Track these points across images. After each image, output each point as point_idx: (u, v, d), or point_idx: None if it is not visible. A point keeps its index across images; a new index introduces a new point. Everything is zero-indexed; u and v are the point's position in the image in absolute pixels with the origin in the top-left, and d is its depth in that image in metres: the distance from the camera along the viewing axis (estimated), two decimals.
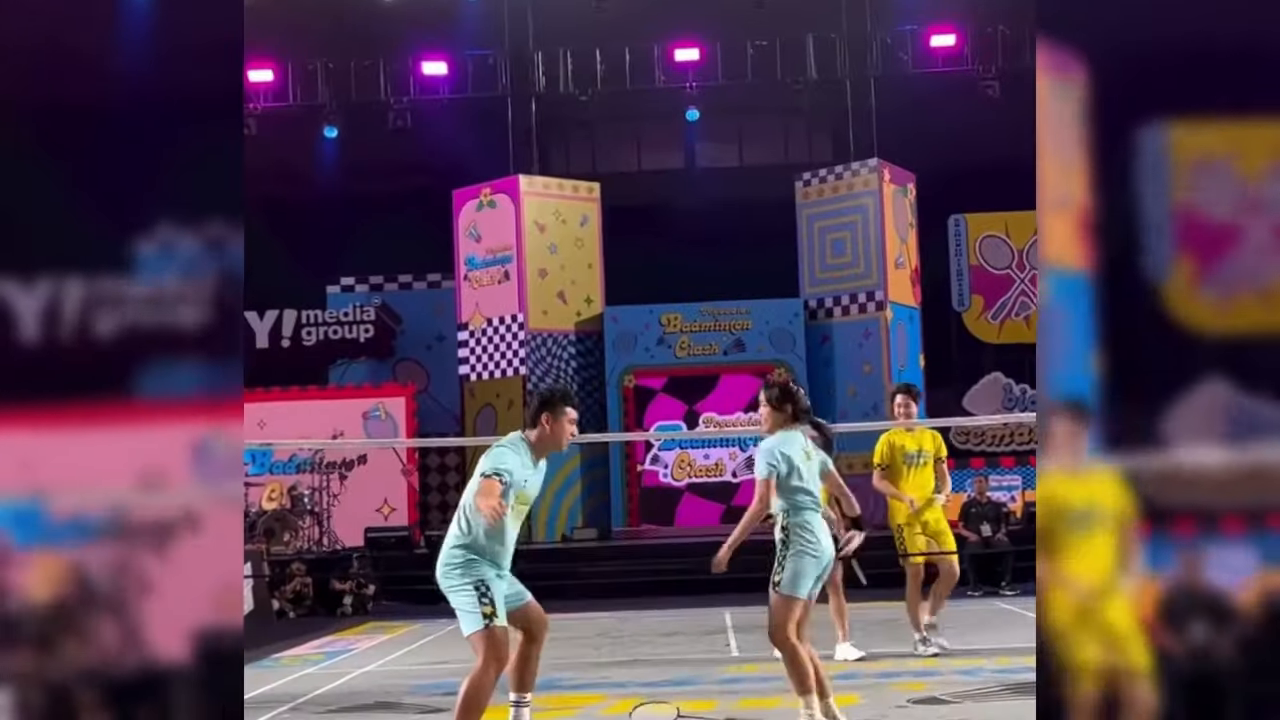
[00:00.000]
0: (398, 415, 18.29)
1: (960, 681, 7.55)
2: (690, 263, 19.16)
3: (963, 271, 20.23)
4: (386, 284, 20.04)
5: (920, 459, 8.65)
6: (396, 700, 7.90)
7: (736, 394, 18.24)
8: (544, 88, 19.94)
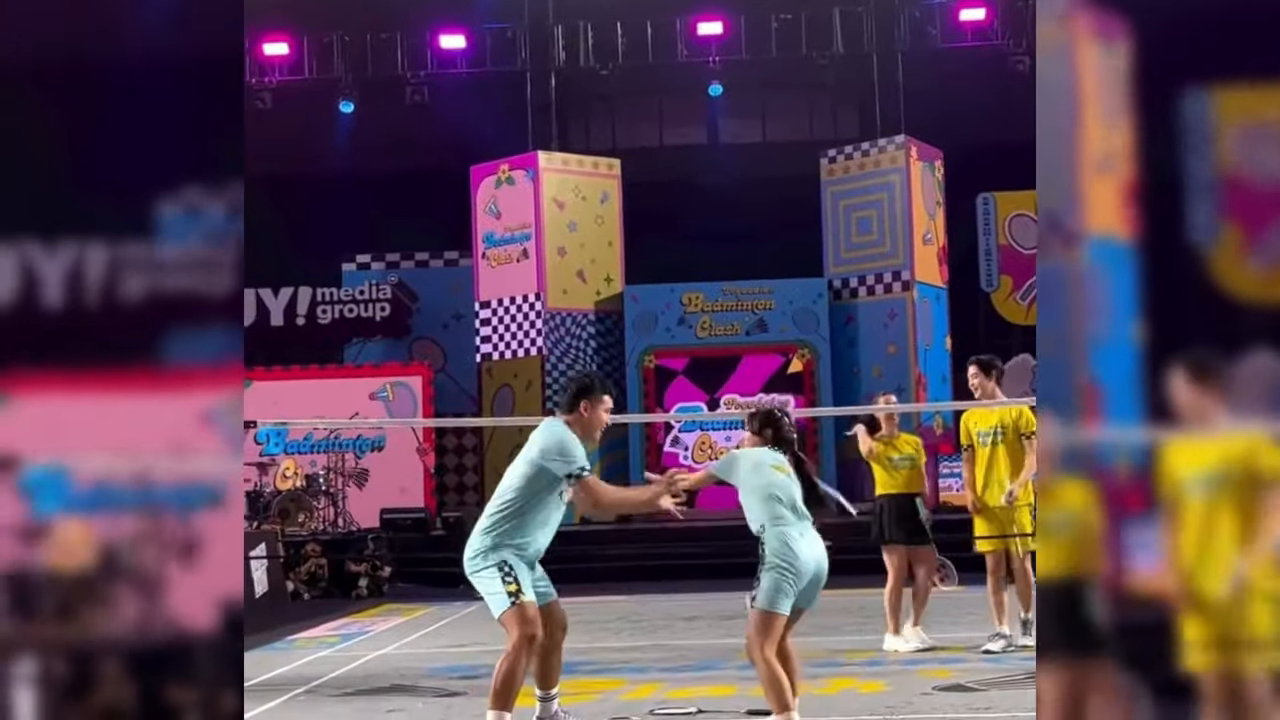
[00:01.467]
0: (415, 394, 18.33)
1: (987, 669, 7.54)
2: (712, 241, 19.15)
3: (991, 251, 20.15)
4: (403, 262, 20.08)
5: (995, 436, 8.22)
6: (413, 683, 7.93)
7: (759, 375, 18.23)
8: (564, 61, 19.91)
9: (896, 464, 8.62)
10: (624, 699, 6.99)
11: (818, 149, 19.14)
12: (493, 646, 9.72)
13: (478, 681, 7.91)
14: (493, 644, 9.91)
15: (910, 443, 8.80)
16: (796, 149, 20.01)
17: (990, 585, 8.31)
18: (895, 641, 8.47)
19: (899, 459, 8.63)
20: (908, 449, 8.70)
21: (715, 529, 14.15)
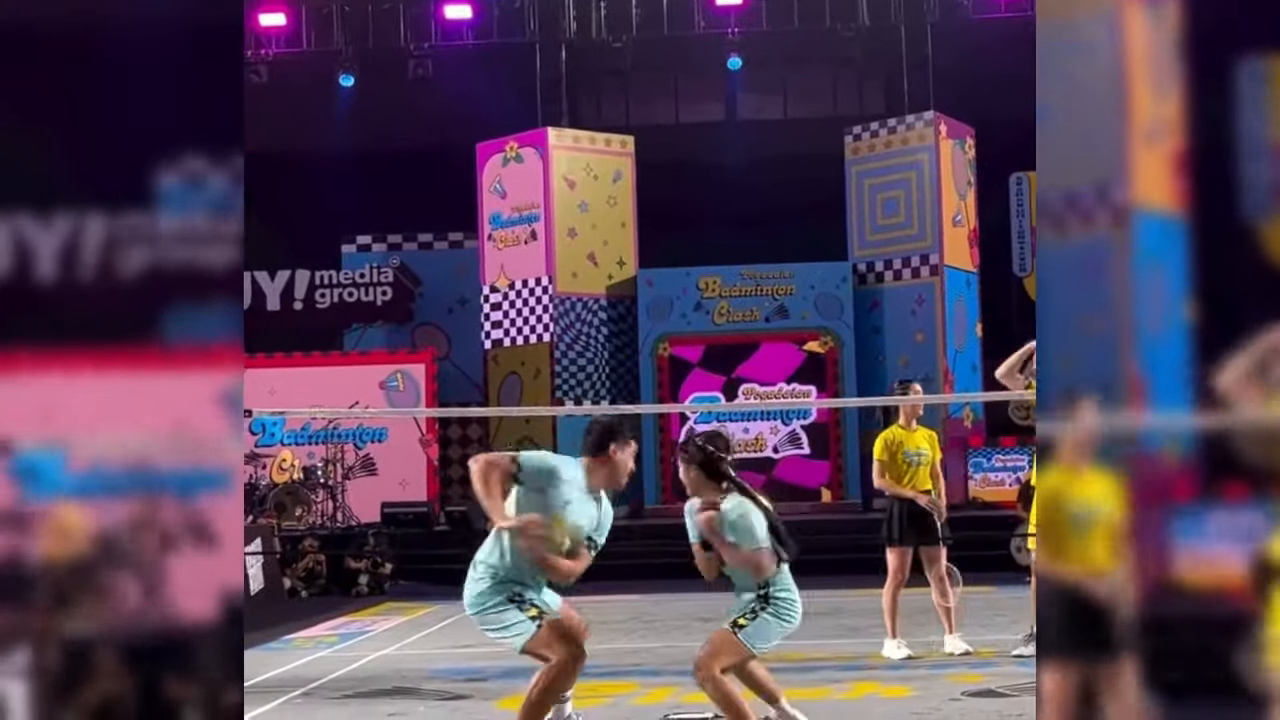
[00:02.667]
0: (417, 383, 18.36)
1: (1018, 673, 7.54)
2: (730, 223, 19.13)
3: (1024, 234, 20.10)
4: (405, 243, 20.08)
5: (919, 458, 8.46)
6: (415, 685, 7.97)
7: (779, 364, 18.21)
8: (575, 34, 19.87)
9: (909, 459, 8.58)
10: (636, 703, 7.01)
11: (842, 126, 19.09)
12: (499, 649, 9.76)
13: (483, 684, 7.94)
14: (499, 646, 9.96)
15: (926, 438, 8.74)
16: (819, 126, 19.97)
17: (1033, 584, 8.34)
18: (889, 647, 8.47)
19: (911, 453, 8.59)
20: (922, 444, 8.65)
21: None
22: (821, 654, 8.76)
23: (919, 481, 8.59)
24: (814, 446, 18.09)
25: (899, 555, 8.55)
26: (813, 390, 17.95)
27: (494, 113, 18.83)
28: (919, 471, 8.58)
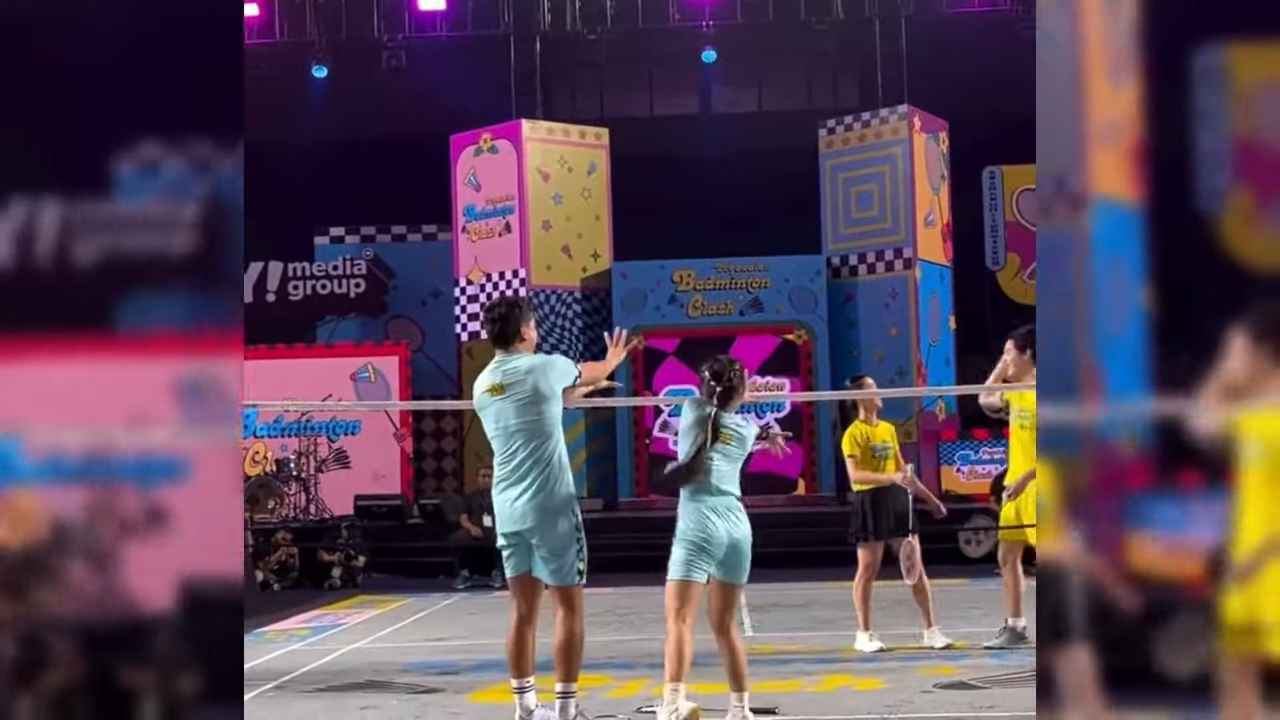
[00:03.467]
0: (390, 376, 18.32)
1: (991, 665, 7.58)
2: (705, 216, 19.15)
3: (998, 228, 20.17)
4: (379, 235, 20.03)
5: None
6: (388, 679, 7.95)
7: (753, 357, 18.21)
8: (549, 26, 19.84)
9: (877, 453, 8.61)
10: (610, 696, 7.01)
11: (816, 119, 19.13)
12: (474, 641, 9.79)
13: (455, 678, 7.94)
14: (473, 638, 9.99)
15: (888, 430, 8.76)
16: (794, 119, 19.99)
17: (1004, 576, 8.36)
18: (862, 639, 8.49)
19: (878, 446, 8.60)
20: (886, 437, 8.68)
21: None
22: (794, 647, 8.79)
23: (887, 473, 8.64)
24: (788, 439, 18.11)
25: (870, 550, 8.58)
26: (786, 383, 17.99)
27: (468, 105, 18.79)
28: (886, 464, 8.64)
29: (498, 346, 6.03)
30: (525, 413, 5.86)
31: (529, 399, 5.86)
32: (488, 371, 6.07)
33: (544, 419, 5.86)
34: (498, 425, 5.94)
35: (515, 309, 6.06)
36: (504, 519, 5.94)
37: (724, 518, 5.87)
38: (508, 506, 5.91)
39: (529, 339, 6.04)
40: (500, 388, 5.92)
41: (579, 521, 5.91)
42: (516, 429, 5.87)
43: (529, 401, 5.86)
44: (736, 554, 5.90)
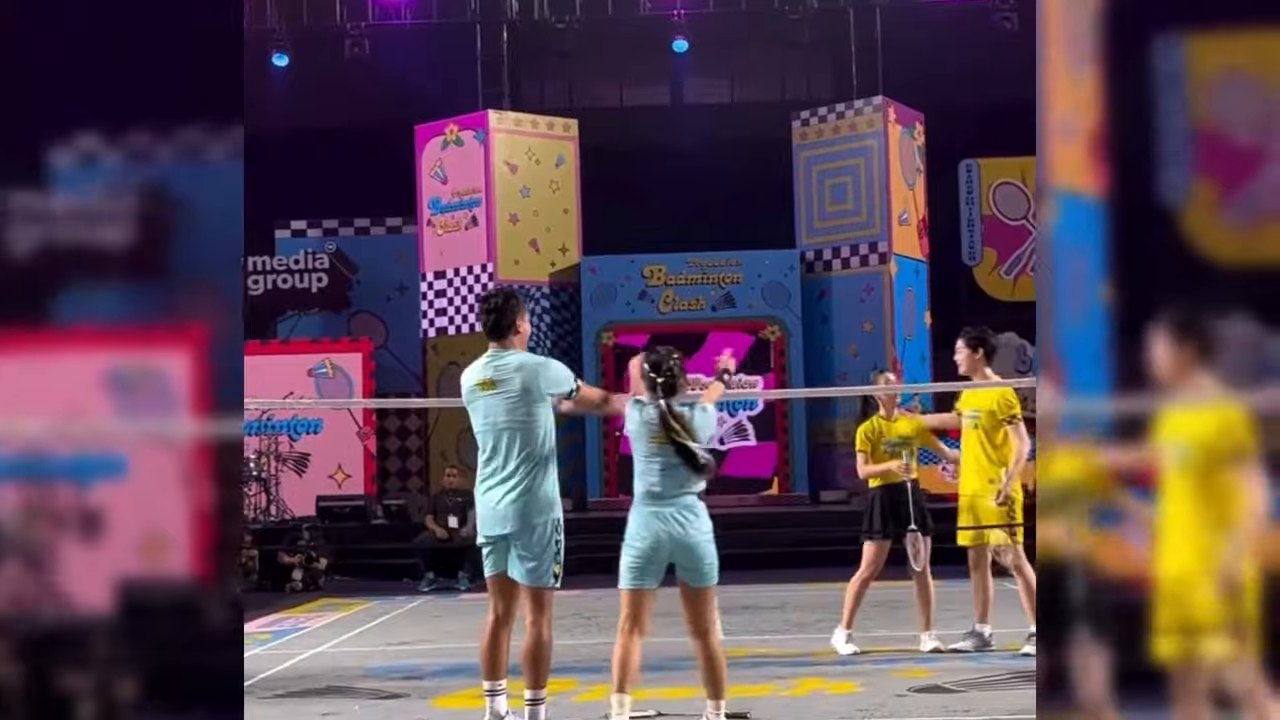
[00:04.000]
0: (353, 373, 18.26)
1: (967, 668, 7.62)
2: (676, 209, 19.13)
3: (974, 222, 20.25)
4: (341, 229, 19.96)
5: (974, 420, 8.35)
6: (350, 684, 7.94)
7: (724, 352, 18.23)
8: (517, 13, 19.80)
9: (890, 449, 8.57)
10: (577, 700, 7.02)
11: (789, 111, 19.14)
12: (439, 644, 9.78)
13: (419, 683, 7.93)
14: (438, 641, 9.97)
15: (911, 425, 8.73)
16: (767, 110, 20.02)
17: (973, 580, 8.34)
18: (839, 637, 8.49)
19: (892, 442, 8.59)
20: (904, 431, 8.64)
21: None
22: (767, 650, 8.81)
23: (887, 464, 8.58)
24: (761, 438, 18.16)
25: (876, 548, 8.53)
26: (759, 380, 18.01)
27: (433, 95, 18.72)
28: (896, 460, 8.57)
29: (492, 339, 6.06)
30: (514, 411, 5.86)
31: (518, 397, 5.86)
32: (479, 365, 6.09)
33: (533, 419, 5.86)
34: (485, 421, 5.94)
35: (511, 300, 6.11)
36: (486, 520, 5.94)
37: (671, 520, 5.80)
38: (491, 508, 5.91)
39: (523, 332, 6.08)
40: (491, 383, 5.93)
41: (559, 524, 5.91)
42: (504, 426, 5.88)
43: (518, 399, 5.85)
44: (692, 556, 5.84)
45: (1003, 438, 8.14)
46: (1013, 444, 8.09)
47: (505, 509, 5.83)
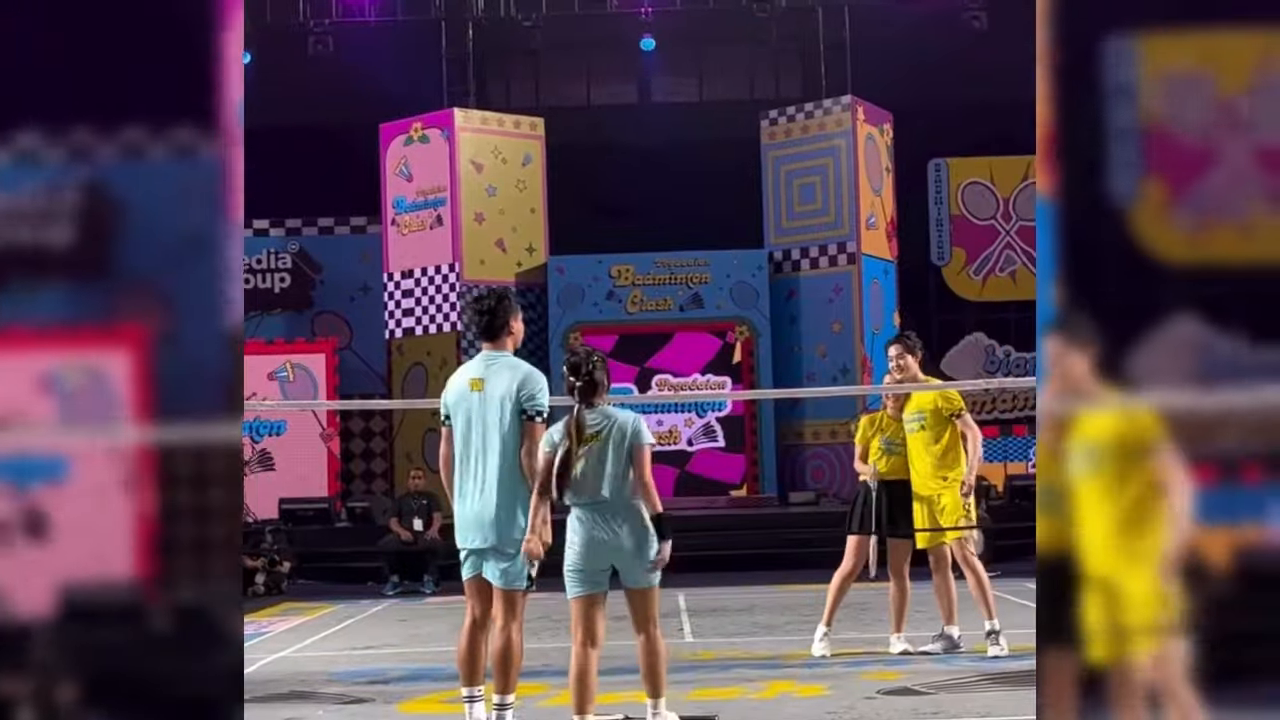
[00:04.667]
0: (317, 375, 18.18)
1: (936, 670, 7.63)
2: (644, 209, 19.13)
3: (943, 222, 20.33)
4: (305, 228, 19.87)
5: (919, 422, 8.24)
6: (314, 689, 7.90)
7: (693, 354, 18.28)
8: (483, 10, 19.77)
9: (888, 448, 8.47)
10: (545, 705, 6.99)
11: (758, 110, 19.19)
12: (404, 649, 9.74)
13: (385, 687, 7.90)
14: (404, 646, 9.93)
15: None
16: (735, 109, 20.05)
17: (935, 582, 8.32)
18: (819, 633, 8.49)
19: (885, 441, 8.47)
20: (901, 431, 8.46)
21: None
22: (735, 652, 8.81)
23: (896, 469, 8.42)
24: (729, 439, 18.19)
25: (856, 544, 8.47)
26: (728, 381, 18.04)
27: (398, 92, 18.64)
28: (894, 459, 8.45)
29: (484, 339, 6.01)
30: (499, 413, 5.83)
31: (504, 399, 5.83)
32: (471, 365, 6.05)
33: (515, 424, 5.83)
34: (470, 421, 5.90)
35: (505, 301, 6.06)
36: (464, 529, 5.91)
37: (602, 526, 5.77)
38: (469, 518, 5.88)
39: (516, 333, 6.05)
40: (481, 382, 5.90)
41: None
42: (487, 428, 5.85)
43: (503, 402, 5.82)
44: (625, 560, 5.80)
45: (949, 436, 8.13)
46: (967, 436, 8.11)
47: (484, 520, 5.81)
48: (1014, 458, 18.57)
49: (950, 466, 8.17)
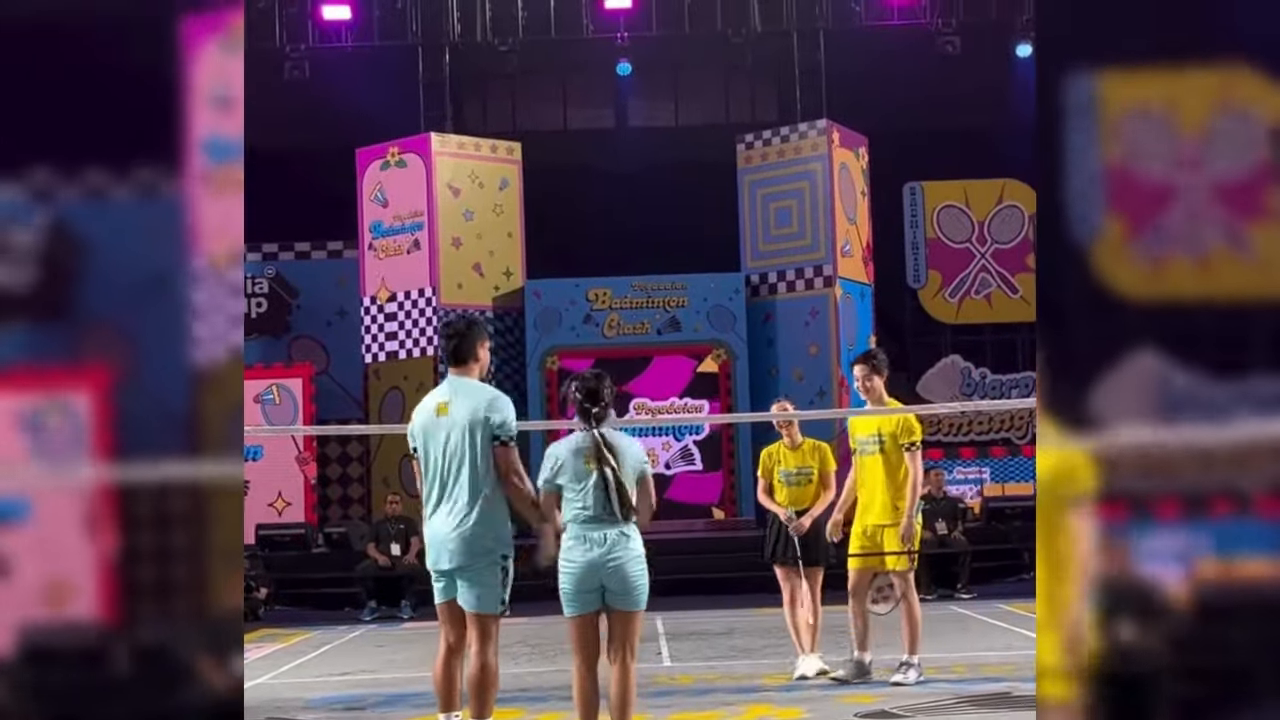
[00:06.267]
0: (295, 398, 18.12)
1: (913, 694, 7.63)
2: (621, 232, 19.17)
3: (919, 245, 20.41)
4: (281, 252, 19.81)
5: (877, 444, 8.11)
6: (291, 716, 7.90)
7: (671, 377, 18.29)
8: (459, 35, 19.78)
9: (784, 478, 8.55)
10: None
11: (734, 134, 19.25)
12: (381, 675, 9.71)
13: (362, 713, 7.89)
14: (381, 672, 9.91)
15: (811, 453, 8.58)
16: (711, 133, 20.09)
17: (852, 606, 8.16)
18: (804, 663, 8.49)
19: (784, 473, 8.56)
20: (798, 462, 8.56)
21: None
22: (714, 676, 8.82)
23: (798, 500, 8.57)
24: (707, 462, 18.19)
25: (781, 573, 8.59)
26: (705, 405, 18.05)
27: (375, 117, 18.65)
28: (794, 490, 8.55)
29: (452, 365, 6.05)
30: (467, 438, 5.83)
31: (470, 424, 5.82)
32: (436, 390, 6.08)
33: (483, 447, 5.82)
34: (437, 446, 5.90)
35: (473, 327, 6.14)
36: (434, 546, 5.90)
37: (603, 545, 5.77)
38: (438, 534, 5.88)
39: (483, 360, 6.07)
40: (447, 405, 5.90)
41: (509, 554, 5.84)
42: (454, 453, 5.85)
43: (470, 427, 5.82)
44: (622, 581, 5.79)
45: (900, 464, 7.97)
46: (910, 470, 7.94)
47: (453, 542, 5.79)
48: (990, 480, 18.61)
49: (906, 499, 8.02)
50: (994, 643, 9.86)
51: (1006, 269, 20.08)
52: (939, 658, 8.84)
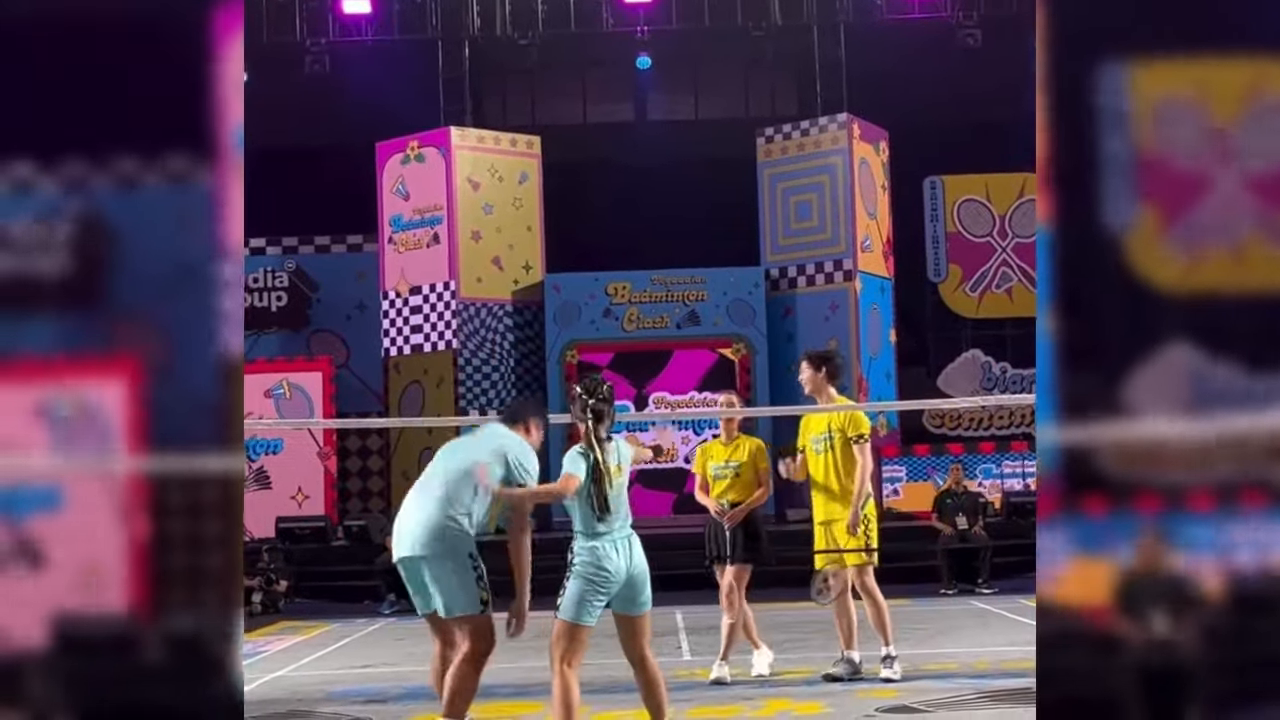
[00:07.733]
0: (313, 393, 18.17)
1: (934, 689, 7.62)
2: (640, 226, 19.17)
3: (939, 239, 20.35)
4: (301, 246, 19.89)
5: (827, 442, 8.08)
6: (310, 709, 7.92)
7: (690, 371, 18.28)
8: (479, 30, 19.80)
9: (714, 472, 8.46)
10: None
11: (754, 128, 19.21)
12: (401, 668, 9.73)
13: (383, 706, 7.91)
14: (400, 664, 9.92)
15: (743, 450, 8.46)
16: (731, 128, 20.08)
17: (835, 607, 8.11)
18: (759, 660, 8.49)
19: (714, 468, 8.46)
20: (726, 457, 8.47)
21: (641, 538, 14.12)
22: (733, 671, 8.78)
23: (730, 494, 8.38)
24: None
25: (720, 573, 8.51)
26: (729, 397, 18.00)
27: (395, 111, 18.68)
28: (724, 484, 8.41)
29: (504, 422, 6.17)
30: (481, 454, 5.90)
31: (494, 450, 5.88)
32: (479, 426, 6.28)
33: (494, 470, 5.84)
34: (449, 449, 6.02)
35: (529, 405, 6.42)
36: (398, 536, 5.93)
37: (622, 551, 5.79)
38: (405, 523, 5.90)
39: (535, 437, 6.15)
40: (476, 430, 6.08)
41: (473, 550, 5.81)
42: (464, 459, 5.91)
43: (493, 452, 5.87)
44: (633, 587, 5.82)
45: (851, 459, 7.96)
46: (858, 463, 7.93)
47: (417, 527, 5.79)
48: (1011, 475, 18.56)
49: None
50: (1015, 638, 9.82)
51: (1027, 263, 20.01)
52: (960, 652, 8.83)
